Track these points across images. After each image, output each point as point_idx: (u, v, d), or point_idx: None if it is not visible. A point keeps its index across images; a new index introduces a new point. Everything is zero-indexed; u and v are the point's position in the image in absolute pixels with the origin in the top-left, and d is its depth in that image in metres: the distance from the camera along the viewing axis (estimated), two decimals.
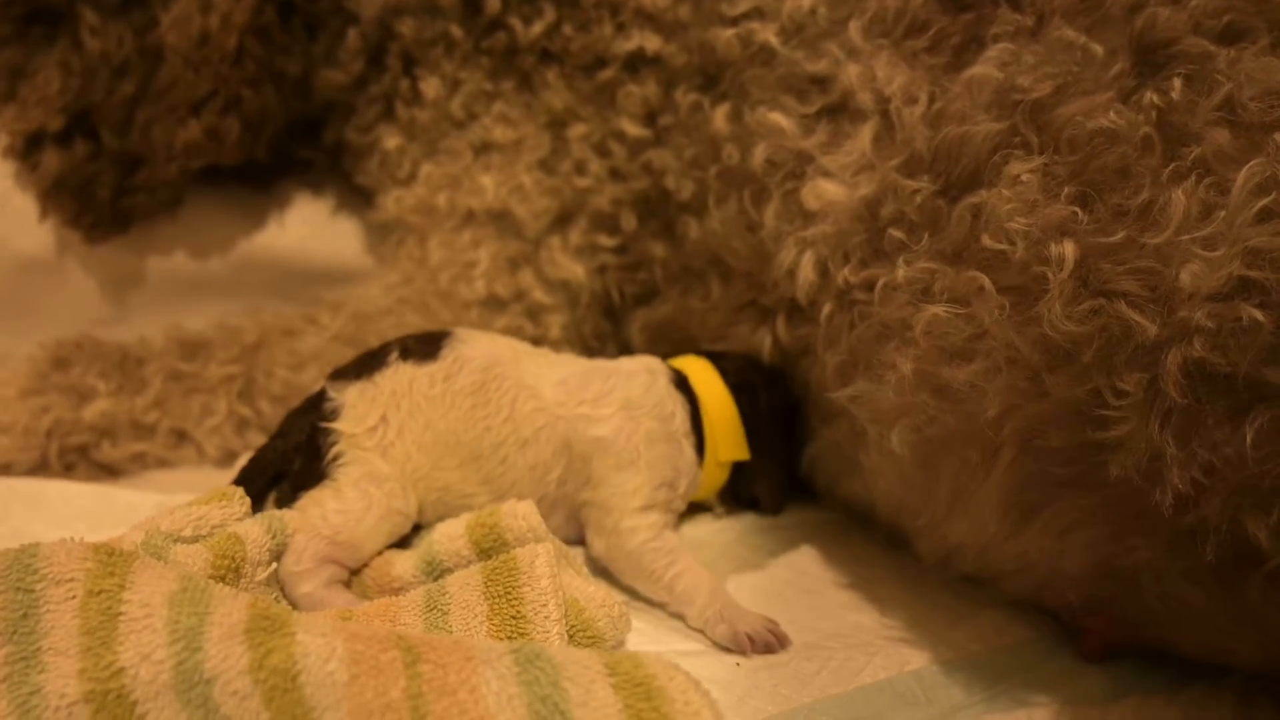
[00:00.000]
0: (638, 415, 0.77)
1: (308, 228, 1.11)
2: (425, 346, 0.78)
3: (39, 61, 0.96)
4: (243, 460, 0.76)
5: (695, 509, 0.87)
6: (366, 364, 0.77)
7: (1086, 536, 0.65)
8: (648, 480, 0.76)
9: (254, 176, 1.09)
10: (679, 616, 0.72)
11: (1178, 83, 0.61)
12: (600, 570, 0.77)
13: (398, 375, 0.76)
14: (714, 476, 0.84)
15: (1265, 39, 0.61)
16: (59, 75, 0.95)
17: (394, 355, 0.77)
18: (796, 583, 0.79)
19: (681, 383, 0.83)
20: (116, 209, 0.99)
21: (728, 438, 0.83)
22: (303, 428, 0.74)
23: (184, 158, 0.98)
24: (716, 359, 0.86)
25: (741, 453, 0.84)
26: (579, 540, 0.79)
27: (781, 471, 0.88)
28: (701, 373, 0.85)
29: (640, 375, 0.81)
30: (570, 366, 0.81)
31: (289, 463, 0.74)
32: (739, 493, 0.88)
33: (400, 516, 0.73)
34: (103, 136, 0.96)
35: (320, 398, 0.76)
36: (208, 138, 0.97)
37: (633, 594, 0.74)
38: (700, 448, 0.82)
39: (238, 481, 0.72)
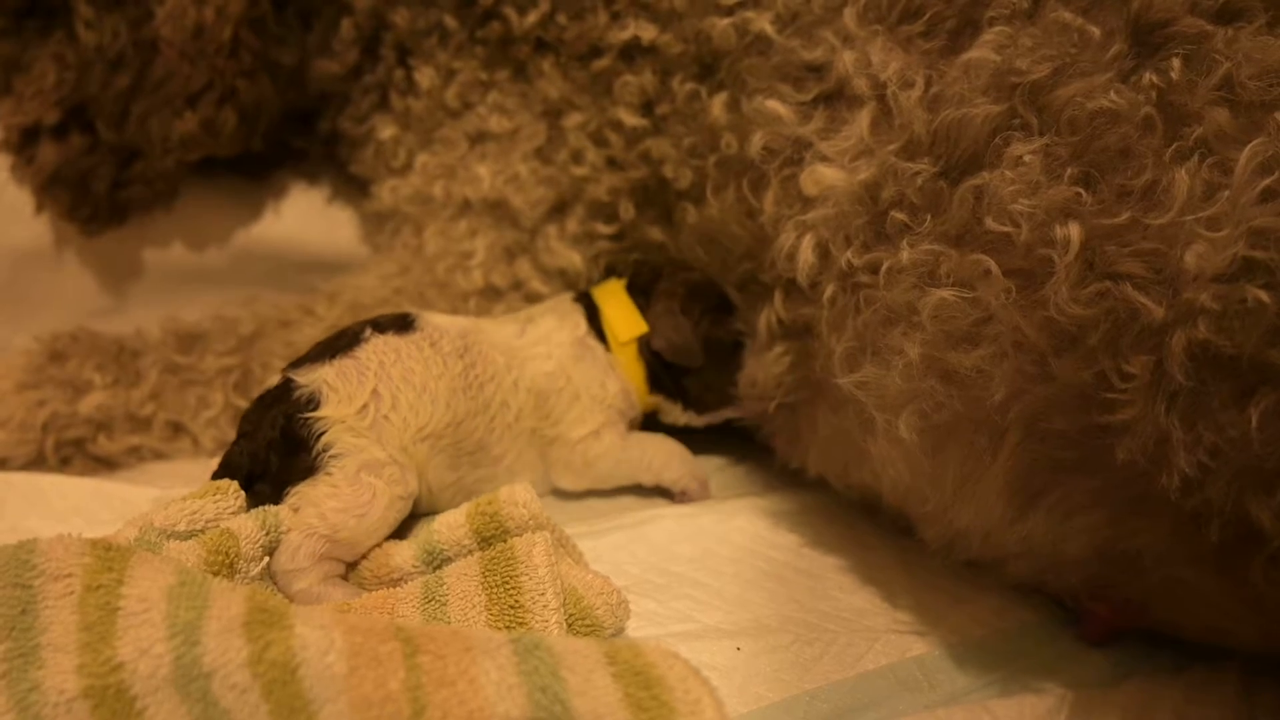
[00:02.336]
0: (558, 342, 0.85)
1: (304, 217, 1.10)
2: (396, 323, 0.79)
3: (33, 54, 0.95)
4: (213, 465, 0.73)
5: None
6: (336, 346, 0.75)
7: (1090, 520, 0.65)
8: (589, 405, 0.84)
9: (249, 167, 1.08)
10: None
11: (1176, 63, 0.60)
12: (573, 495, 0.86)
13: (382, 346, 0.75)
14: (627, 362, 0.88)
15: (1262, 18, 0.60)
16: (54, 68, 0.94)
17: (368, 331, 0.76)
18: (795, 564, 0.78)
19: (586, 297, 0.91)
20: (113, 201, 0.98)
21: (620, 317, 0.89)
22: (272, 423, 0.71)
23: (181, 150, 0.97)
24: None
25: (637, 327, 0.89)
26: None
27: (679, 327, 0.88)
28: (606, 285, 0.92)
29: (553, 307, 0.89)
30: (520, 318, 0.87)
31: (263, 463, 0.70)
32: (660, 379, 0.90)
33: (403, 502, 0.72)
34: (99, 129, 0.95)
35: (286, 389, 0.72)
36: (204, 130, 0.96)
37: (631, 581, 0.73)
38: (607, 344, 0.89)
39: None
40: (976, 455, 0.67)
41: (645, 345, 0.89)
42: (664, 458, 0.87)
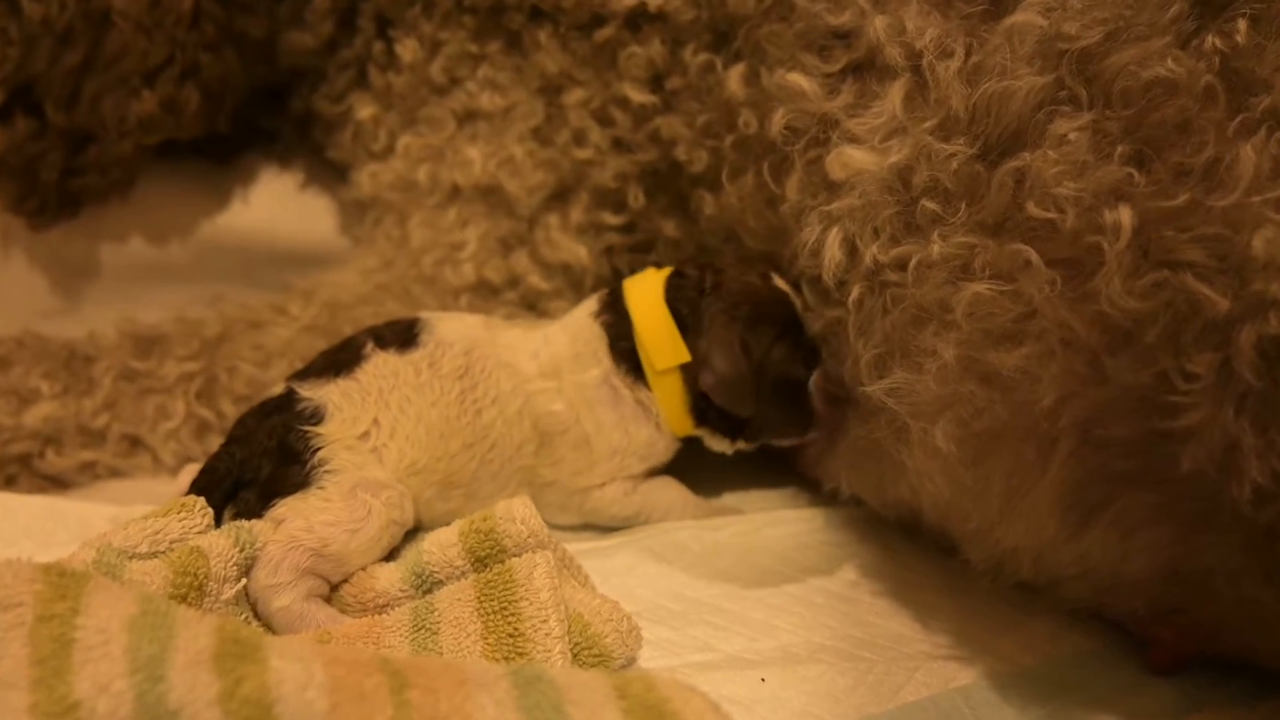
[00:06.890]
0: (572, 380, 0.83)
1: (275, 205, 1.10)
2: (400, 334, 0.80)
3: None
4: (189, 472, 0.76)
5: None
6: (339, 360, 0.78)
7: (1154, 536, 0.64)
8: (601, 454, 0.83)
9: (214, 150, 1.08)
10: None
11: (1242, 24, 0.60)
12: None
13: (381, 369, 0.78)
14: (666, 393, 0.83)
15: None
16: None
17: (369, 346, 0.79)
18: (826, 586, 0.78)
19: (614, 305, 0.85)
20: (64, 191, 0.98)
21: (659, 343, 0.83)
22: (269, 431, 0.74)
23: (138, 133, 0.97)
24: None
25: (679, 355, 0.83)
26: None
27: (732, 358, 0.82)
28: (642, 284, 0.86)
29: (569, 327, 0.86)
30: (540, 335, 0.85)
31: (254, 470, 0.73)
32: (706, 412, 0.85)
33: (398, 528, 0.74)
34: (47, 111, 0.95)
35: (289, 399, 0.76)
36: (164, 110, 0.96)
37: (643, 606, 0.73)
38: (641, 368, 0.84)
39: (191, 494, 0.71)
40: (1025, 467, 0.67)
41: (690, 374, 0.83)
42: (665, 509, 0.86)
